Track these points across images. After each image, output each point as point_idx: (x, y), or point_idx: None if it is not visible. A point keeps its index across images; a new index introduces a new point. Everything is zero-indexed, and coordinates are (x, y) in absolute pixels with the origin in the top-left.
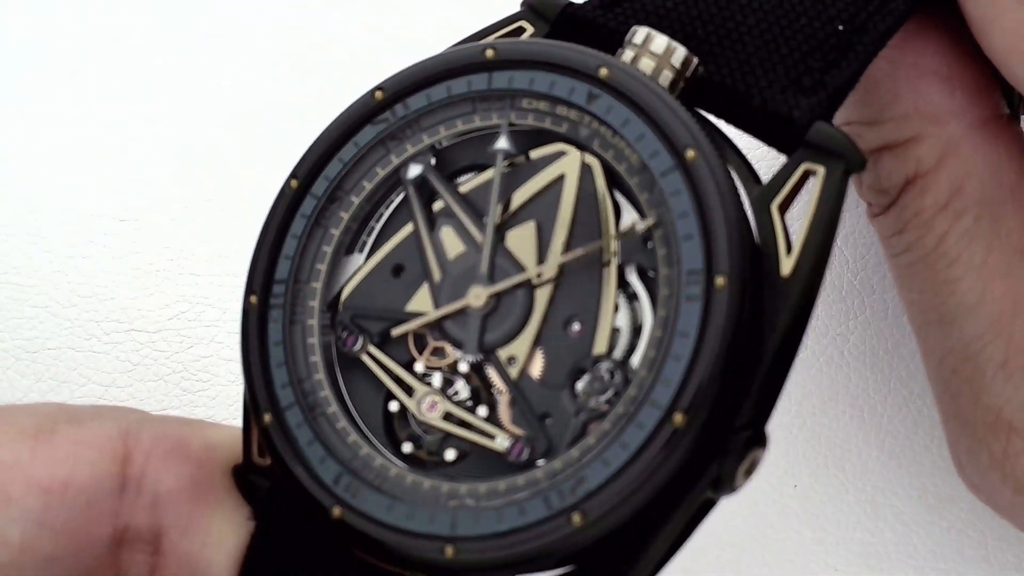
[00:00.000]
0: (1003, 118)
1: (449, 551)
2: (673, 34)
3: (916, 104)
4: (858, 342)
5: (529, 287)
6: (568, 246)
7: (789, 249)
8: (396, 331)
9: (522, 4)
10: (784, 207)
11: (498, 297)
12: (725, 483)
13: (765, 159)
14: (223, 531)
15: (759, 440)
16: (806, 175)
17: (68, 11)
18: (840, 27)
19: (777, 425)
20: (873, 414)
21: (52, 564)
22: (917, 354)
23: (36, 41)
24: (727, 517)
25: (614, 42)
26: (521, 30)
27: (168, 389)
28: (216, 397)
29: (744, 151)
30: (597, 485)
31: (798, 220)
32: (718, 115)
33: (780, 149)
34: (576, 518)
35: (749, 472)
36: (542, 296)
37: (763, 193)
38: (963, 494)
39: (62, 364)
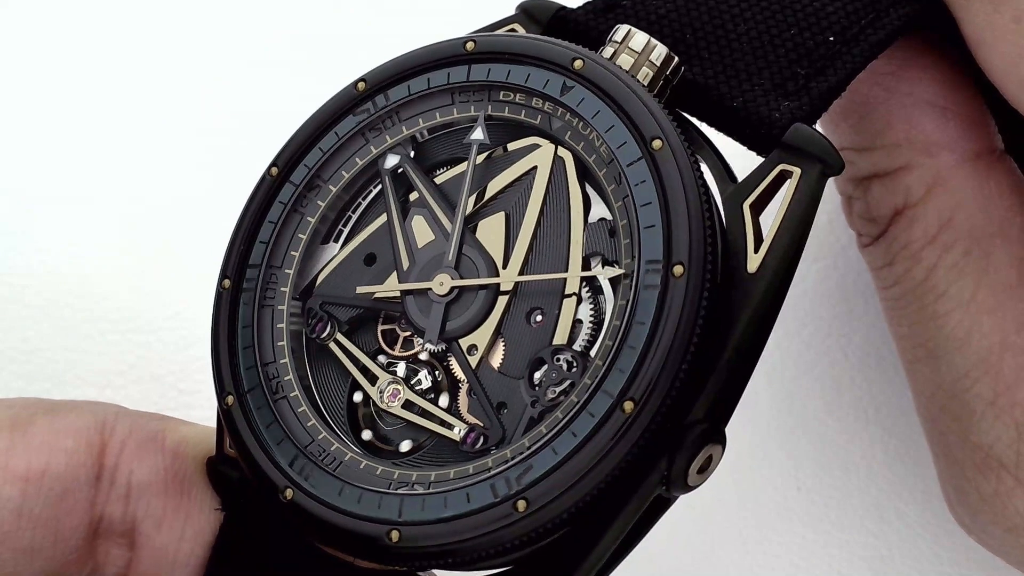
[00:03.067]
0: (995, 152)
1: (394, 535)
2: (663, 39)
3: (908, 133)
4: (862, 343)
5: (494, 275)
6: (535, 238)
7: (757, 247)
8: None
9: (517, 7)
10: (758, 207)
11: (462, 287)
12: (677, 480)
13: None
14: (199, 523)
15: (715, 437)
16: (782, 176)
17: (64, 9)
18: (831, 38)
19: (780, 427)
20: (877, 416)
21: (31, 556)
22: None
23: (32, 41)
24: (728, 518)
25: (601, 42)
26: (514, 32)
27: (164, 390)
28: (212, 398)
29: (734, 158)
30: (543, 472)
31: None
32: (700, 117)
33: (758, 151)
34: (520, 505)
35: (704, 470)
36: (506, 286)
37: (736, 191)
38: None
39: (57, 365)
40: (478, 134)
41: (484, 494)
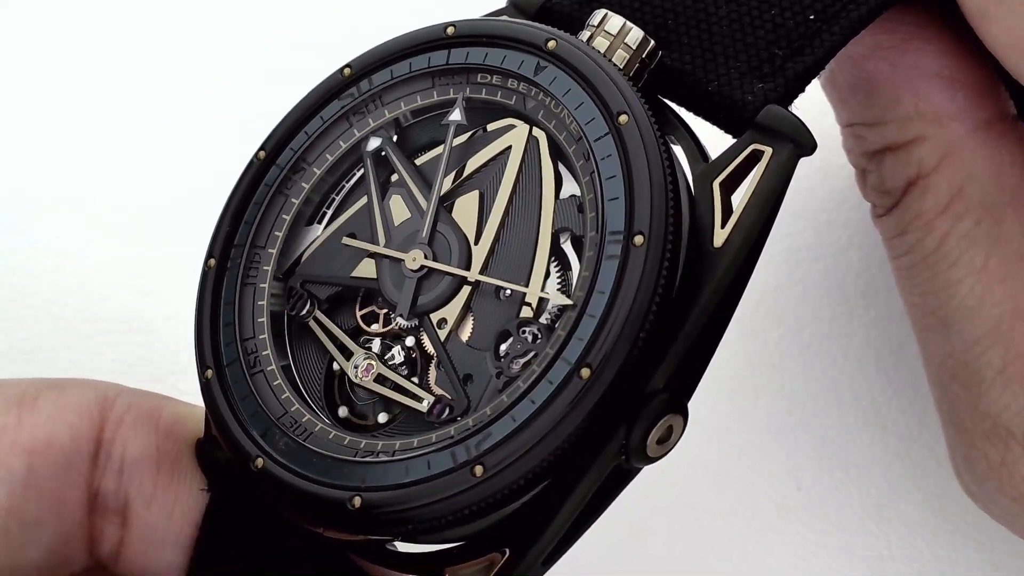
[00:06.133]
0: (1007, 120)
1: (356, 501)
2: (644, 25)
3: (917, 106)
4: (862, 343)
5: (466, 254)
6: (507, 215)
7: (724, 224)
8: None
9: (507, 2)
10: (729, 185)
11: (434, 258)
12: (635, 450)
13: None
14: (187, 503)
15: (674, 407)
16: (754, 156)
17: (62, 10)
18: (811, 17)
19: (780, 427)
20: (877, 416)
21: (36, 528)
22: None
23: (33, 41)
24: (729, 517)
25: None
26: None
27: (164, 390)
28: None
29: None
30: (501, 438)
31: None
32: (678, 102)
33: (732, 132)
34: (478, 470)
35: (664, 441)
36: (478, 260)
37: (707, 169)
38: (967, 497)
39: (58, 365)
40: (456, 115)
41: (444, 460)
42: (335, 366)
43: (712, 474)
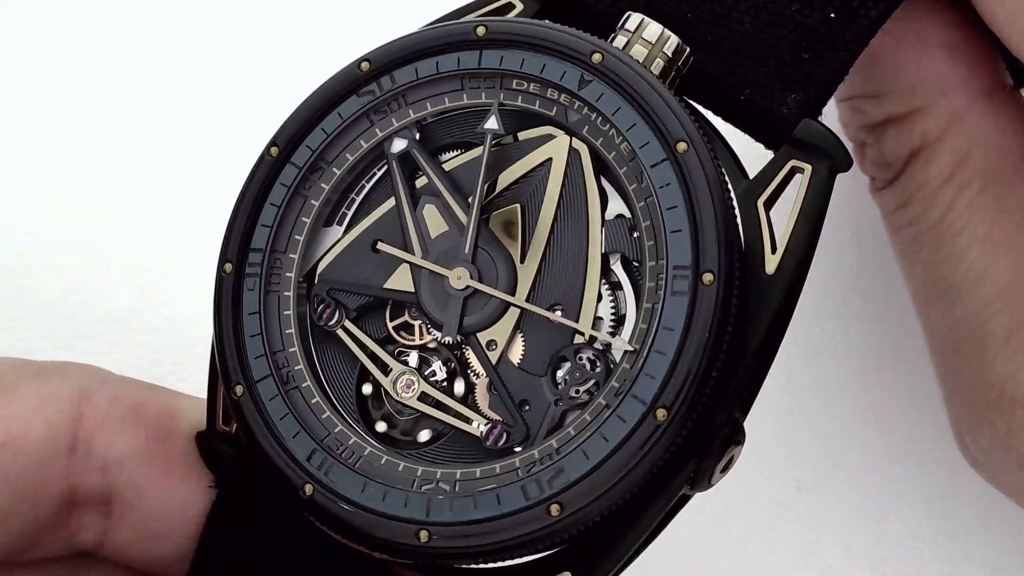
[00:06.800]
0: (1007, 88)
1: (423, 535)
2: (663, 17)
3: (920, 76)
4: (862, 343)
5: (511, 274)
6: (553, 232)
7: (774, 247)
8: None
9: None
10: (769, 203)
11: (480, 279)
12: (702, 480)
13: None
14: (185, 498)
15: (737, 438)
16: (792, 172)
17: (61, 10)
18: (832, 15)
19: (780, 427)
20: (877, 416)
21: (8, 519)
22: (921, 355)
23: (32, 40)
24: (729, 519)
25: (605, 24)
26: (510, 7)
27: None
28: None
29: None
30: (576, 477)
31: (782, 215)
32: (706, 106)
33: (766, 144)
34: (554, 509)
35: (726, 469)
36: (525, 281)
37: (749, 188)
38: (969, 496)
39: None
40: (492, 123)
41: (515, 496)
42: (366, 378)
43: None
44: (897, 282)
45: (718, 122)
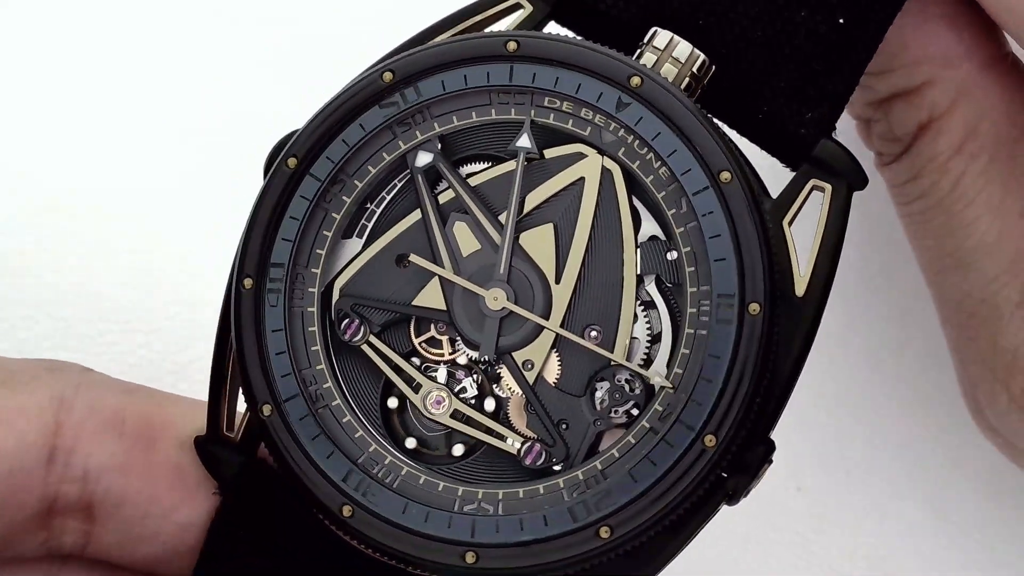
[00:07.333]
0: (1008, 57)
1: (470, 557)
2: (675, 23)
3: (926, 49)
4: (863, 344)
5: (547, 295)
6: (588, 252)
7: (799, 267)
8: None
9: None
10: (791, 222)
11: (516, 299)
12: (737, 496)
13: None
14: (173, 505)
15: (770, 455)
16: (812, 190)
17: (61, 10)
18: (841, 20)
19: (780, 426)
20: (877, 416)
21: None
22: (922, 356)
23: (31, 39)
24: (729, 519)
25: (621, 30)
26: (517, 6)
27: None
28: None
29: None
30: (625, 501)
31: (799, 233)
32: (722, 119)
33: (784, 162)
34: (603, 531)
35: (756, 484)
36: (560, 302)
37: (774, 208)
38: (968, 496)
39: None
40: (524, 141)
41: (562, 518)
42: (390, 392)
43: None
44: (898, 283)
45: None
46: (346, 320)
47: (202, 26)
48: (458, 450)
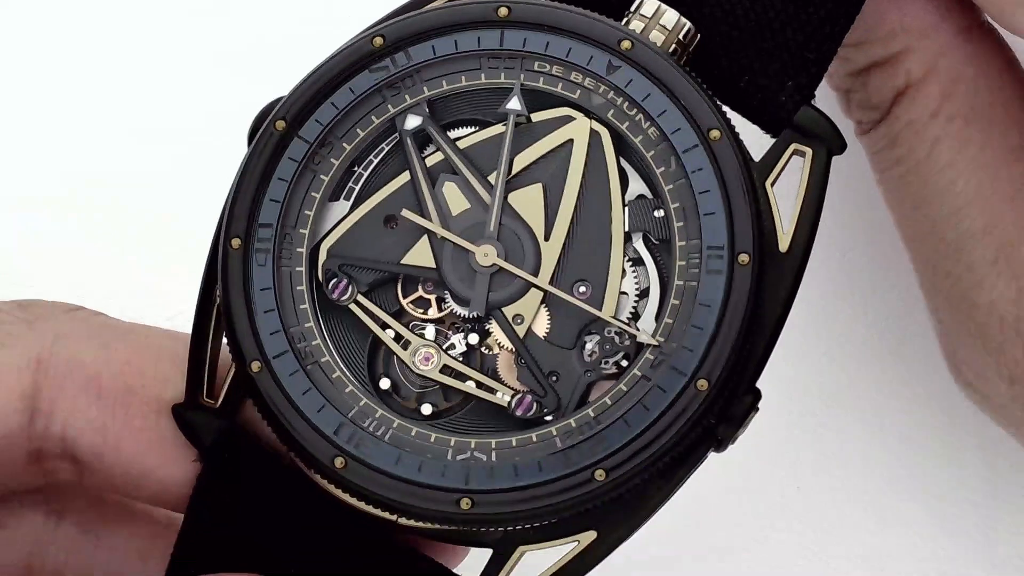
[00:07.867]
0: (983, 25)
1: (465, 503)
2: None
3: (902, 20)
4: (861, 343)
5: (536, 252)
6: (576, 211)
7: (783, 225)
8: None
9: None
10: (773, 183)
11: (506, 256)
12: (724, 444)
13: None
14: (156, 466)
15: (757, 404)
16: (793, 154)
17: (59, 9)
18: None
19: (779, 425)
20: (876, 415)
21: None
22: (921, 355)
23: (29, 38)
24: (729, 518)
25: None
26: None
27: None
28: None
29: None
30: (621, 443)
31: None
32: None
33: (764, 128)
34: (599, 474)
35: (742, 432)
36: (550, 258)
37: (759, 170)
38: (968, 496)
39: None
40: (514, 104)
41: (557, 464)
42: (376, 350)
43: (712, 474)
44: (898, 283)
45: None
46: (334, 280)
47: (204, 27)
48: (428, 409)
